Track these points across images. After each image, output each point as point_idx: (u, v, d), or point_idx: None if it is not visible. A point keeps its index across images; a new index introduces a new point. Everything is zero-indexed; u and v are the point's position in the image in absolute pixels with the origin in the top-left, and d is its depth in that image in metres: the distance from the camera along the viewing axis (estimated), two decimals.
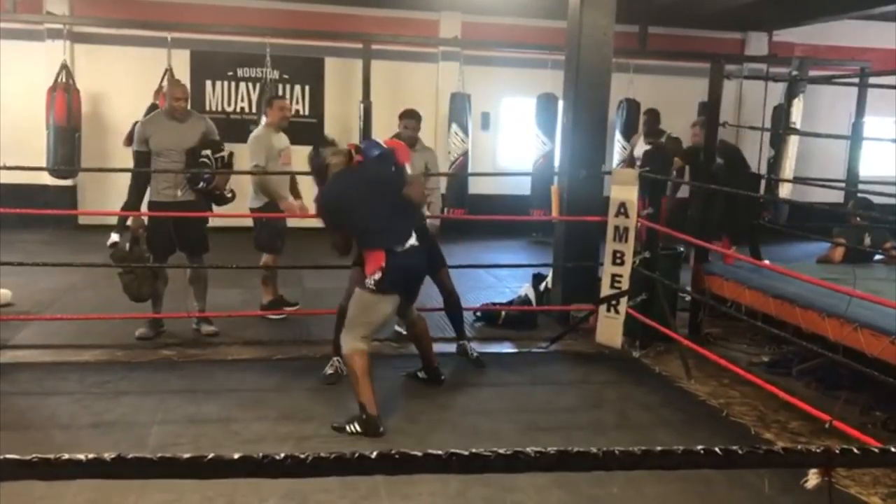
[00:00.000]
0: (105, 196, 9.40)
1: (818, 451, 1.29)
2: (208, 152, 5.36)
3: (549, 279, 6.50)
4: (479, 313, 6.32)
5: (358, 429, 4.03)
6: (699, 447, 1.28)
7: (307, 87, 10.63)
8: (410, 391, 4.75)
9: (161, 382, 4.72)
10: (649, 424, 4.40)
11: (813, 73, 10.44)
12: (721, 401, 4.70)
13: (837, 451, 1.29)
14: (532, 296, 6.49)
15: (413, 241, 4.24)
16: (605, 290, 5.54)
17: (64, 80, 9.35)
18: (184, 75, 9.38)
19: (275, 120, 6.05)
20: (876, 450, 1.36)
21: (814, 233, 7.56)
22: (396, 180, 4.34)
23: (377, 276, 4.09)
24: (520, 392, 4.90)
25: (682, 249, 5.83)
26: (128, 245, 5.38)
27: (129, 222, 5.52)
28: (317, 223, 4.58)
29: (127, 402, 4.39)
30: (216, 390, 4.62)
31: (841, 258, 6.35)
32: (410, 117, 5.71)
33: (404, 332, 5.45)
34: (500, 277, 7.83)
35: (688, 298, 5.94)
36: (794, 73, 10.32)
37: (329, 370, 4.83)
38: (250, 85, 10.36)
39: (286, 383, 4.78)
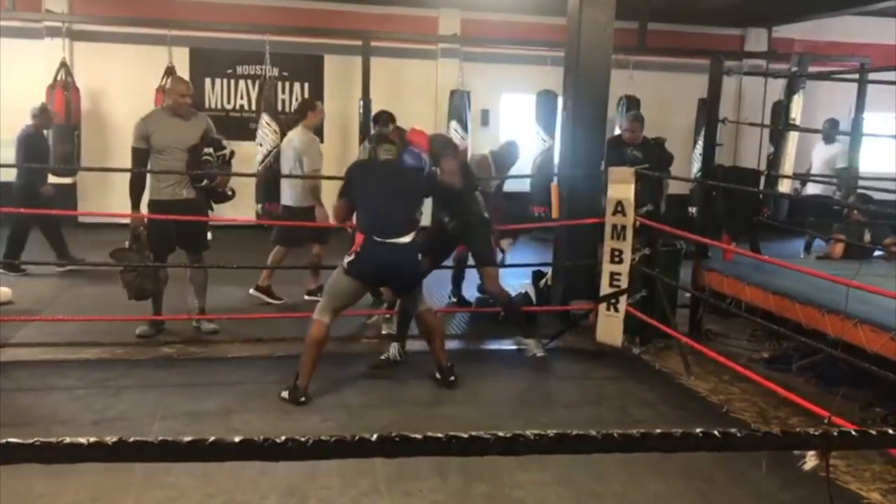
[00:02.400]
0: (106, 193, 9.42)
1: (816, 434, 1.31)
2: (211, 150, 5.36)
3: (548, 276, 6.50)
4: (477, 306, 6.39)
5: (286, 395, 4.35)
6: (698, 430, 1.32)
7: (306, 85, 10.64)
8: (409, 386, 4.76)
9: (161, 379, 4.73)
10: (649, 421, 4.39)
11: (812, 69, 10.44)
12: (721, 397, 4.70)
13: (835, 434, 1.30)
14: (532, 293, 6.49)
15: (404, 239, 4.42)
16: (605, 289, 5.53)
17: (63, 77, 9.35)
18: (183, 73, 9.36)
19: (313, 122, 6.48)
20: (874, 432, 1.38)
21: (814, 229, 7.56)
22: (414, 182, 4.66)
23: (351, 257, 4.43)
24: (520, 388, 4.91)
25: (682, 246, 5.82)
26: (127, 243, 5.37)
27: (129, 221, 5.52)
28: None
29: (127, 399, 4.40)
30: (217, 387, 4.64)
31: (841, 254, 6.35)
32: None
33: (392, 332, 5.47)
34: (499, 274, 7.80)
35: (687, 295, 5.94)
36: (794, 69, 10.32)
37: (383, 356, 5.06)
38: (249, 82, 10.36)
39: (286, 380, 4.77)
